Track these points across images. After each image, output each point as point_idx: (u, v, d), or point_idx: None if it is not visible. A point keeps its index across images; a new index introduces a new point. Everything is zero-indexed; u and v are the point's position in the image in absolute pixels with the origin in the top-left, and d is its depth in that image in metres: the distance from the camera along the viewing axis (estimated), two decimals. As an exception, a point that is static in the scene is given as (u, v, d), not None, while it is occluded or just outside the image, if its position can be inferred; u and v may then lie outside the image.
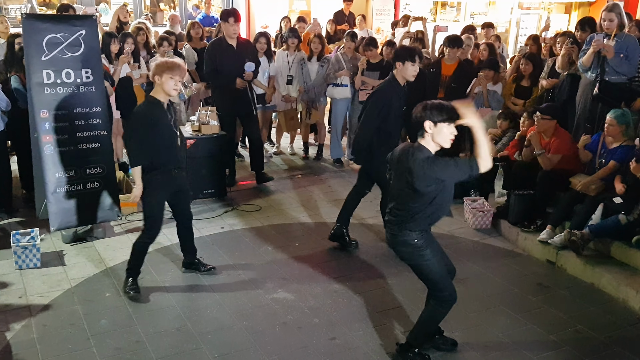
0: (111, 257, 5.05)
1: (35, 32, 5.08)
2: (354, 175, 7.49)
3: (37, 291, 4.48)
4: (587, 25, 6.15)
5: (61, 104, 5.20)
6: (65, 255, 5.08)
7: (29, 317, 4.13)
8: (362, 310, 4.31)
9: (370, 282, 4.74)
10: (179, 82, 4.15)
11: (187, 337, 3.94)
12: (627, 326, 4.22)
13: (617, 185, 4.91)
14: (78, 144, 5.31)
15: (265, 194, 6.76)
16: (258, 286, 4.63)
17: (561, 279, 4.90)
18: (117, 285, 4.57)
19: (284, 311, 4.28)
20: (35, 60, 5.09)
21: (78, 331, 3.97)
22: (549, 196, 5.59)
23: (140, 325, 4.05)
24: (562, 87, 6.18)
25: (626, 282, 4.55)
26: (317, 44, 7.62)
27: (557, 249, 5.09)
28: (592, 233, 4.89)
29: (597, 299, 4.57)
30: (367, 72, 7.32)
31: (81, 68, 5.26)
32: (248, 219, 6.01)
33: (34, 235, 4.90)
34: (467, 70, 6.94)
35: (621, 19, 5.53)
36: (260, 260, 5.07)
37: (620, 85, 5.56)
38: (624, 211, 4.77)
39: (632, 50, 5.51)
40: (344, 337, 3.99)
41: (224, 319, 4.16)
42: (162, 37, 7.29)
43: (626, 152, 5.07)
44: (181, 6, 13.23)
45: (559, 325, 4.17)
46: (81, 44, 5.24)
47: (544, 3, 15.40)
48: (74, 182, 5.32)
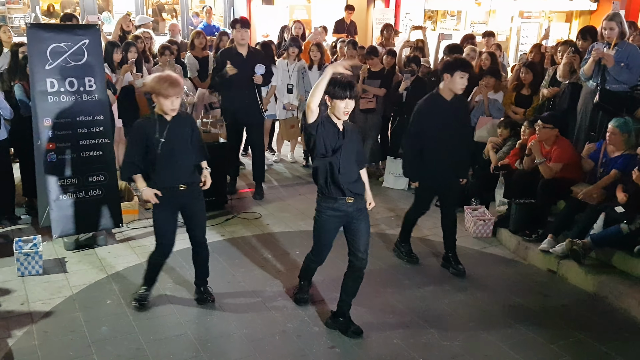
0: (112, 264, 5.06)
1: (39, 41, 5.12)
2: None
3: (38, 298, 4.49)
4: (588, 34, 6.18)
5: (64, 112, 5.23)
6: (67, 262, 5.09)
7: (30, 323, 4.13)
8: (362, 318, 4.30)
9: (370, 291, 4.74)
10: (176, 100, 3.94)
11: (187, 344, 3.94)
12: (628, 336, 4.21)
13: (618, 194, 4.91)
14: (80, 152, 5.34)
15: (266, 201, 6.77)
16: (258, 294, 4.63)
17: (562, 288, 4.89)
18: (118, 293, 4.57)
19: (283, 319, 4.28)
20: (39, 69, 5.12)
21: (79, 338, 3.98)
22: (550, 205, 5.59)
23: (141, 332, 4.06)
24: (563, 96, 6.19)
25: (627, 292, 4.54)
26: (317, 52, 7.66)
27: (558, 258, 5.09)
28: (593, 242, 4.88)
29: (598, 309, 4.56)
30: (368, 80, 7.36)
31: (84, 77, 5.30)
32: (248, 226, 6.01)
33: (37, 242, 4.92)
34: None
35: (622, 27, 5.55)
36: (260, 268, 5.07)
37: (621, 93, 5.58)
38: (626, 220, 4.77)
39: (633, 58, 5.53)
40: (343, 345, 3.98)
41: (223, 327, 4.16)
42: (163, 46, 7.34)
43: (628, 161, 5.08)
44: (183, 15, 13.31)
45: (560, 335, 4.16)
46: (84, 53, 5.28)
47: (545, 12, 15.46)
48: (76, 189, 5.34)
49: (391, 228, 6.04)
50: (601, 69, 5.59)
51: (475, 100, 6.96)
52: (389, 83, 7.39)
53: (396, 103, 7.15)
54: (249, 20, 6.85)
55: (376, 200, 6.74)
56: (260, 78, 6.57)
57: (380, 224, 6.17)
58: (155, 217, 4.17)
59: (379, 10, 13.47)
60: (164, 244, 4.20)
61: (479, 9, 14.61)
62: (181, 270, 4.93)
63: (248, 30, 6.60)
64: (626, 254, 4.83)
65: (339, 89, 3.73)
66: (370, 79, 7.36)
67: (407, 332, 4.09)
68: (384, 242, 5.69)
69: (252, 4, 13.03)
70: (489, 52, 7.57)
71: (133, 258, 5.17)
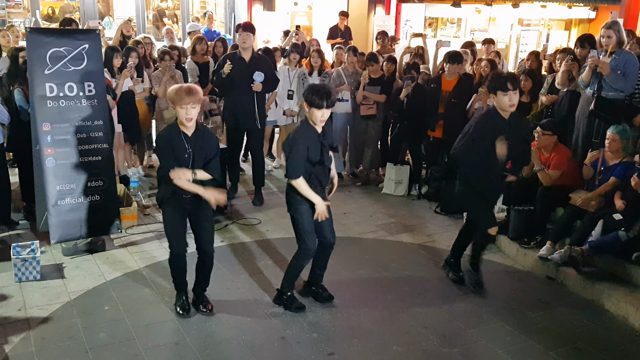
0: (111, 270, 5.05)
1: (39, 46, 5.13)
2: (354, 190, 7.53)
3: (36, 304, 4.47)
4: (587, 42, 6.19)
5: (63, 117, 5.24)
6: (65, 268, 5.08)
7: (27, 329, 4.12)
8: (361, 325, 4.29)
9: (369, 298, 4.74)
10: (191, 109, 3.89)
11: (185, 351, 3.93)
12: (627, 343, 4.21)
13: (616, 201, 4.92)
14: (79, 157, 5.34)
15: (265, 207, 6.76)
16: (257, 300, 4.62)
17: (561, 295, 4.89)
18: (116, 299, 4.56)
19: (282, 326, 4.27)
20: (39, 74, 5.13)
21: (76, 344, 3.96)
22: (548, 212, 5.59)
23: (139, 339, 4.04)
24: (562, 104, 6.20)
25: (626, 299, 4.54)
26: (317, 58, 7.67)
27: (556, 265, 5.09)
28: (592, 249, 4.89)
29: (597, 316, 4.56)
30: (368, 86, 7.37)
31: (84, 81, 5.30)
32: (248, 232, 6.01)
33: (34, 247, 4.90)
34: (467, 86, 6.98)
35: (619, 35, 5.56)
36: (259, 275, 5.07)
37: (617, 101, 5.58)
38: (624, 227, 4.78)
39: (629, 66, 5.52)
40: (342, 352, 3.97)
41: (222, 333, 4.15)
42: (164, 51, 7.35)
43: (626, 169, 5.08)
44: (183, 21, 13.34)
45: (558, 342, 4.16)
46: (84, 57, 5.28)
47: (544, 20, 15.53)
48: (74, 194, 5.34)
49: (391, 235, 6.04)
50: (598, 76, 5.60)
51: (474, 107, 6.97)
52: (390, 89, 7.40)
53: (397, 110, 7.17)
54: (253, 25, 6.77)
55: (376, 207, 6.83)
56: (260, 86, 6.47)
57: (380, 230, 6.17)
58: (163, 216, 4.26)
59: (379, 17, 13.53)
60: (172, 243, 4.19)
61: (479, 16, 14.68)
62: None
63: (251, 34, 6.48)
64: (624, 261, 4.84)
65: (317, 98, 3.91)
66: (371, 85, 7.37)
67: (407, 339, 4.08)
68: (385, 249, 5.69)
69: (253, 10, 13.05)
70: (489, 59, 7.58)
71: (132, 264, 5.16)
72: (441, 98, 6.89)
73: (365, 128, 7.54)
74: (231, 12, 13.67)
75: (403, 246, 5.79)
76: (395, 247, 5.77)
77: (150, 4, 14.20)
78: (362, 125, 7.56)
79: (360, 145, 7.75)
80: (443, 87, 6.89)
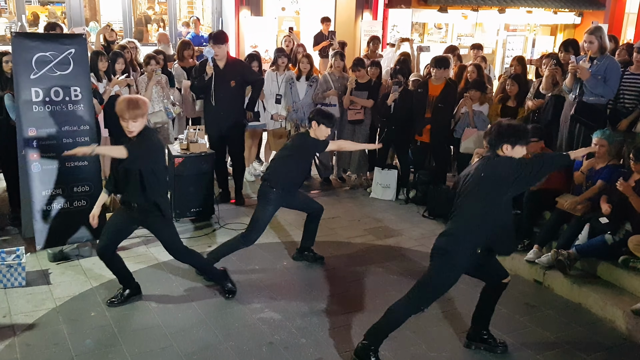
0: (97, 276, 5.00)
1: (25, 50, 5.08)
2: (341, 194, 7.54)
3: (21, 310, 4.42)
4: (571, 46, 6.25)
5: (49, 121, 5.18)
6: (51, 274, 5.03)
7: (12, 336, 4.07)
8: (350, 330, 4.29)
9: (358, 302, 4.73)
10: (132, 123, 4.04)
11: (172, 357, 3.90)
12: (614, 346, 4.23)
13: (603, 205, 4.96)
14: (65, 162, 5.28)
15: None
16: (245, 306, 4.60)
17: (548, 298, 4.91)
18: (102, 305, 4.52)
19: (270, 331, 4.25)
20: (24, 78, 5.08)
21: (62, 351, 3.92)
22: (535, 216, 5.62)
23: (126, 345, 4.01)
24: (547, 108, 6.25)
25: (613, 302, 4.58)
26: (306, 63, 7.68)
27: (544, 268, 5.12)
28: (578, 253, 4.92)
29: (584, 319, 4.59)
30: (355, 91, 7.38)
31: (70, 86, 5.26)
32: (236, 237, 5.97)
33: (20, 253, 4.85)
34: (453, 91, 7.02)
35: (601, 41, 5.60)
36: (247, 280, 5.04)
37: (597, 106, 5.63)
38: (610, 231, 4.81)
39: (610, 72, 5.55)
40: (331, 357, 3.96)
41: (209, 339, 4.13)
42: (149, 56, 7.29)
43: (612, 172, 5.13)
44: (171, 25, 13.29)
45: (546, 346, 4.18)
46: (70, 62, 5.24)
47: (530, 25, 15.67)
48: (60, 200, 5.29)
49: (379, 239, 6.04)
50: (579, 81, 5.65)
51: (460, 112, 7.02)
52: (377, 94, 7.42)
53: (384, 114, 7.19)
54: (223, 35, 6.75)
55: (364, 211, 6.83)
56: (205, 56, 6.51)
57: (368, 234, 6.17)
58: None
59: (367, 23, 13.56)
60: (101, 240, 4.48)
61: (466, 22, 14.77)
62: (167, 282, 4.89)
63: (222, 45, 6.51)
64: (611, 265, 4.87)
65: (327, 121, 4.91)
66: (358, 90, 7.39)
67: (395, 344, 4.07)
68: (373, 254, 5.69)
69: (240, 14, 13.03)
70: (475, 64, 7.63)
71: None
72: (428, 103, 6.92)
73: (353, 133, 7.55)
74: (218, 17, 13.64)
75: (391, 250, 5.80)
76: (383, 251, 5.77)
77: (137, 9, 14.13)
78: (349, 130, 7.57)
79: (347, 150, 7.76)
80: (430, 92, 6.93)
